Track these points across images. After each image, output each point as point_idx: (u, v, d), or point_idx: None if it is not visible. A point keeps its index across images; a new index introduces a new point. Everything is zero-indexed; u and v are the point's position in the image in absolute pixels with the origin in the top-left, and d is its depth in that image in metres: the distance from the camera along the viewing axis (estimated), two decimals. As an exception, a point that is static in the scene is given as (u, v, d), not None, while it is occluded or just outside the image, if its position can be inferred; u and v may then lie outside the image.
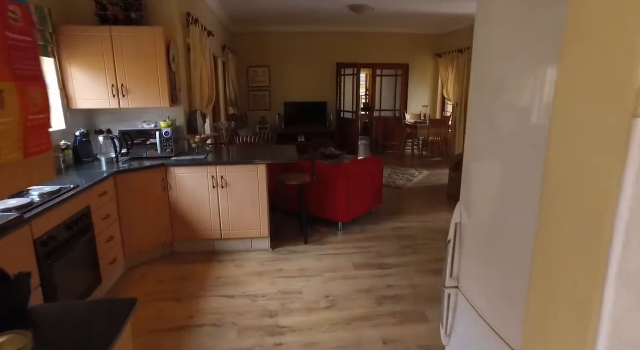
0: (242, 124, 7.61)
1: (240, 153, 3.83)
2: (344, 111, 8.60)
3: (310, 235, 3.94)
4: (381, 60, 8.59)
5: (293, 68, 8.41)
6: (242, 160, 3.41)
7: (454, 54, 7.66)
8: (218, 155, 3.63)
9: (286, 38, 8.23)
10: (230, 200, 3.43)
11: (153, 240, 3.31)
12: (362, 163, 4.28)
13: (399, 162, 7.75)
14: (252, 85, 8.43)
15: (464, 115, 7.52)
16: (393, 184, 6.00)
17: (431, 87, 8.94)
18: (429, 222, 4.36)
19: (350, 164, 4.09)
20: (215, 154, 3.66)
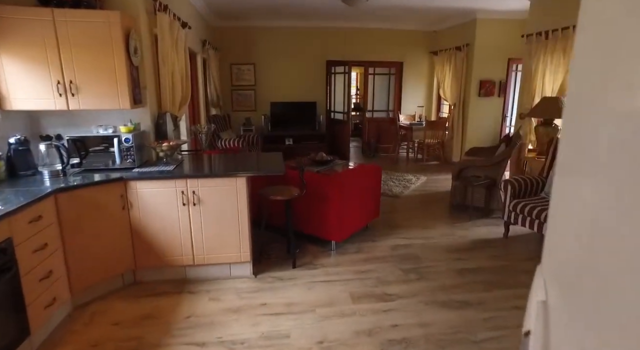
0: (225, 126, 7.04)
1: (217, 163, 3.28)
2: (334, 112, 8.09)
3: (299, 257, 3.42)
4: (374, 58, 8.11)
5: (280, 66, 7.87)
6: (218, 173, 2.86)
7: (451, 51, 7.21)
8: (190, 166, 3.08)
9: (273, 34, 7.68)
10: (205, 219, 2.88)
11: (110, 270, 2.74)
12: (359, 172, 3.78)
13: (394, 167, 7.28)
14: (236, 85, 7.86)
15: (462, 116, 7.08)
16: (389, 191, 5.51)
17: (426, 87, 8.49)
18: (433, 239, 3.87)
19: (345, 173, 3.58)
20: (187, 165, 3.10)
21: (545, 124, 4.51)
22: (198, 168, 3.06)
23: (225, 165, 3.16)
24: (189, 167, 3.03)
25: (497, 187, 4.45)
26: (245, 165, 3.18)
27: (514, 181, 3.73)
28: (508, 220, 3.79)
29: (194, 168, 3.03)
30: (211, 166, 3.14)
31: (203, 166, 3.14)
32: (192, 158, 3.46)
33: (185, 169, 2.93)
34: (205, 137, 5.36)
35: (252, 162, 3.29)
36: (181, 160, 3.22)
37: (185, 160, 3.30)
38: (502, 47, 6.64)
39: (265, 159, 3.48)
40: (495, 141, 7.01)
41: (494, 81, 6.82)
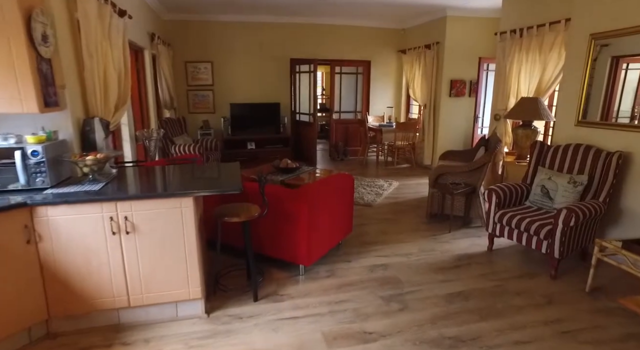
0: (179, 130, 6.37)
1: (160, 178, 2.71)
2: (299, 113, 7.61)
3: (262, 287, 2.91)
4: (340, 57, 7.70)
5: (240, 64, 7.28)
6: (158, 193, 2.30)
7: (420, 50, 6.92)
8: (125, 184, 2.49)
9: (231, 29, 7.08)
10: (142, 250, 2.31)
11: (9, 324, 2.11)
12: (329, 183, 3.32)
13: (364, 171, 6.89)
14: (192, 84, 7.19)
15: (434, 117, 6.81)
16: (361, 200, 5.10)
17: (395, 87, 8.19)
18: (413, 256, 3.48)
19: (313, 186, 3.10)
20: (119, 183, 2.51)
21: (524, 126, 4.25)
22: (134, 186, 2.47)
23: (170, 182, 2.60)
24: (123, 185, 2.44)
25: (476, 195, 4.14)
26: (195, 180, 2.63)
27: (499, 190, 3.40)
28: (492, 232, 3.46)
29: (129, 187, 2.44)
30: (151, 183, 2.56)
31: (141, 184, 2.56)
32: (130, 173, 2.85)
33: (117, 189, 2.34)
34: (154, 144, 4.72)
35: (204, 176, 2.74)
36: (114, 177, 2.61)
37: (121, 175, 2.69)
38: (473, 46, 6.42)
39: (220, 171, 2.93)
40: (468, 143, 6.79)
41: (465, 81, 6.60)
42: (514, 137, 4.37)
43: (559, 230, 2.87)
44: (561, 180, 3.26)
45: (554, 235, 2.91)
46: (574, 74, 3.57)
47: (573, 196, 3.18)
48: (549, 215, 3.17)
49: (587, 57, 3.39)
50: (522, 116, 4.14)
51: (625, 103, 3.25)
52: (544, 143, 3.67)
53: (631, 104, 3.21)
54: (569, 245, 2.95)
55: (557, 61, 4.20)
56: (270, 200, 2.98)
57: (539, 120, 4.19)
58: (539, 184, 3.43)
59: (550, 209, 3.30)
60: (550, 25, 4.23)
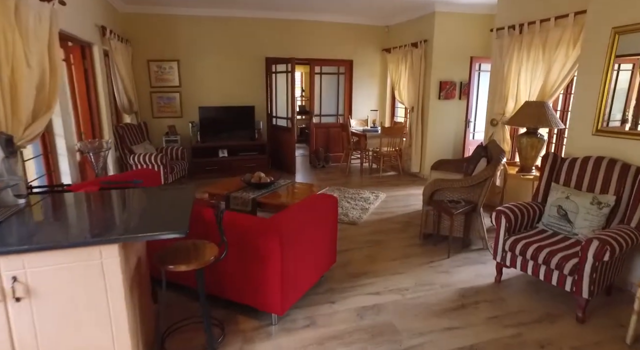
0: (140, 137, 5.65)
1: (79, 215, 2.04)
2: (277, 117, 6.97)
3: (223, 346, 2.28)
4: (320, 56, 7.11)
5: (210, 63, 6.60)
6: (68, 240, 1.64)
7: (406, 48, 6.40)
8: (24, 226, 1.81)
9: (200, 24, 6.39)
10: (43, 322, 1.65)
11: None
12: (307, 208, 2.71)
13: (347, 180, 6.32)
14: (156, 86, 6.46)
15: (422, 121, 6.30)
16: (345, 217, 4.51)
17: (380, 89, 7.65)
18: (409, 293, 2.91)
19: (288, 214, 2.49)
20: (21, 222, 1.83)
21: (529, 134, 3.75)
22: (36, 229, 1.80)
23: (93, 221, 1.94)
24: (22, 227, 1.77)
25: (477, 213, 3.61)
26: (129, 216, 1.98)
27: (509, 212, 2.87)
28: (502, 262, 2.93)
29: (29, 230, 1.77)
30: (64, 223, 1.89)
31: (48, 225, 1.89)
32: (41, 206, 2.17)
33: (9, 234, 1.67)
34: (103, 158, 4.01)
35: (142, 210, 2.08)
36: (18, 210, 1.93)
37: (25, 211, 2.01)
38: (464, 44, 5.93)
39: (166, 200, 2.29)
40: (459, 149, 6.30)
41: (455, 82, 6.11)
42: (517, 146, 3.87)
43: (589, 265, 2.35)
44: (582, 201, 2.76)
45: (581, 271, 2.39)
46: (591, 75, 3.07)
47: (598, 220, 2.68)
48: (571, 244, 2.65)
49: (609, 55, 2.89)
50: (526, 123, 3.64)
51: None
52: (557, 155, 3.16)
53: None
54: (600, 282, 2.44)
55: (564, 60, 3.72)
56: (234, 232, 2.36)
57: (545, 127, 3.70)
58: (554, 203, 2.92)
59: (569, 234, 2.78)
60: (556, 19, 3.75)
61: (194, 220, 2.48)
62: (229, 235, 2.34)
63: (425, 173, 6.35)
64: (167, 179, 5.32)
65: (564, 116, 4.12)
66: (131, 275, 1.84)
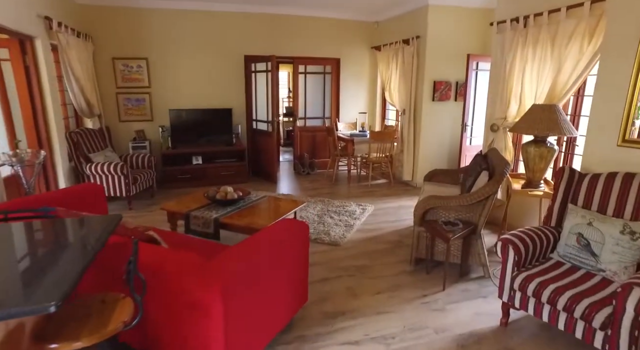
0: (100, 143, 5.06)
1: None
2: (257, 121, 6.41)
3: None
4: (305, 53, 6.55)
5: (183, 62, 6.02)
6: None
7: (397, 45, 5.87)
8: None
9: (171, 19, 5.82)
10: None
11: None
12: (269, 241, 2.15)
13: (333, 190, 5.76)
14: (123, 86, 5.87)
15: (414, 125, 5.77)
16: (327, 236, 3.95)
17: (369, 89, 7.11)
18: (396, 340, 2.35)
19: (238, 252, 1.93)
20: None
21: (537, 143, 3.22)
22: None
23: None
24: None
25: (477, 236, 3.07)
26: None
27: (518, 242, 2.33)
28: (510, 303, 2.39)
29: None
30: None
31: None
32: None
33: None
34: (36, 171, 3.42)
35: (16, 260, 1.51)
36: None
37: None
38: (460, 41, 5.41)
39: (70, 239, 1.71)
40: (454, 155, 5.78)
41: (451, 82, 5.58)
42: (523, 156, 3.33)
43: (628, 319, 1.81)
44: (609, 229, 2.22)
45: (617, 326, 1.85)
46: (617, 73, 2.55)
47: (631, 254, 2.15)
48: (598, 284, 2.12)
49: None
50: (534, 129, 3.11)
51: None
52: (574, 170, 2.63)
53: None
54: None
55: (577, 58, 3.19)
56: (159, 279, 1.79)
57: (557, 135, 3.17)
58: (573, 230, 2.39)
59: (593, 270, 2.25)
60: (568, 9, 3.22)
61: (109, 259, 1.91)
62: (154, 282, 1.78)
63: (418, 181, 5.82)
64: (130, 190, 4.74)
65: (574, 122, 3.60)
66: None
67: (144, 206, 4.97)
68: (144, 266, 1.79)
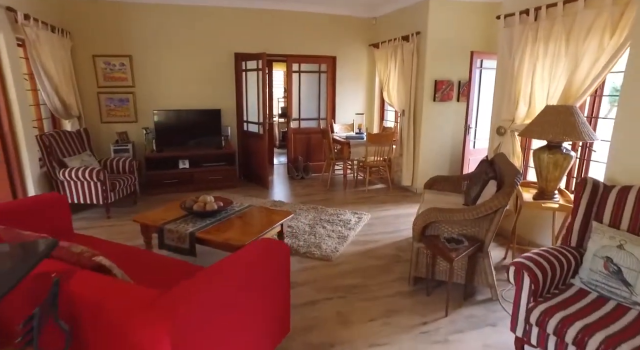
0: (78, 147, 4.72)
1: None
2: (248, 122, 6.06)
3: None
4: (299, 51, 6.21)
5: (169, 60, 5.68)
6: None
7: (396, 43, 5.52)
8: None
9: (156, 13, 5.48)
10: None
11: None
12: (239, 266, 1.81)
13: (327, 196, 5.42)
14: (105, 85, 5.52)
15: (414, 127, 5.42)
16: (317, 249, 3.59)
17: (367, 89, 6.76)
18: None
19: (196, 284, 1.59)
20: None
21: (551, 149, 2.86)
22: None
23: None
24: None
25: (484, 254, 2.72)
26: None
27: (535, 267, 1.98)
28: (525, 338, 2.04)
29: None
30: None
31: None
32: None
33: None
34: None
35: None
36: None
37: None
38: (463, 37, 5.06)
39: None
40: (457, 159, 5.42)
41: (453, 81, 5.23)
42: (536, 164, 2.98)
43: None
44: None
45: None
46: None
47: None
48: (636, 320, 1.77)
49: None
50: (548, 133, 2.76)
51: None
52: (598, 181, 2.28)
53: None
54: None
55: (596, 54, 2.84)
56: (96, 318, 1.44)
57: (573, 140, 2.81)
58: (599, 253, 2.04)
59: (626, 302, 1.90)
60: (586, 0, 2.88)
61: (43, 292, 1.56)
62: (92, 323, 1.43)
63: (418, 187, 5.47)
64: (108, 198, 4.39)
65: (591, 125, 3.25)
66: None
67: (124, 214, 4.63)
68: (81, 302, 1.46)
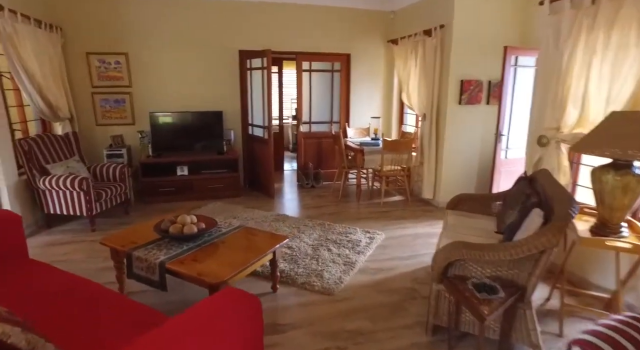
0: (65, 152, 4.33)
1: None
2: (253, 125, 5.57)
3: None
4: (310, 49, 5.68)
5: (168, 57, 5.25)
6: None
7: (417, 38, 4.90)
8: None
9: (154, 7, 5.06)
10: None
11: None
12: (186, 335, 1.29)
13: (337, 209, 4.85)
14: (99, 85, 5.14)
15: (436, 132, 4.79)
16: (318, 280, 3.03)
17: (385, 90, 6.16)
18: None
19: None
20: None
21: (617, 169, 2.20)
22: None
23: None
24: None
25: (526, 304, 2.10)
26: None
27: (608, 348, 1.36)
28: None
29: None
30: None
31: None
32: None
33: None
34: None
35: None
36: None
37: None
38: (495, 30, 4.39)
39: None
40: (485, 170, 4.75)
41: (482, 81, 4.57)
42: (596, 187, 2.32)
43: None
44: None
45: None
46: None
47: None
48: None
49: None
50: (615, 148, 2.10)
51: None
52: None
53: None
54: None
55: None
56: None
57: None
58: None
59: None
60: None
61: None
62: None
63: (440, 200, 4.83)
64: (92, 209, 3.98)
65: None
66: None
67: (113, 226, 4.20)
68: None
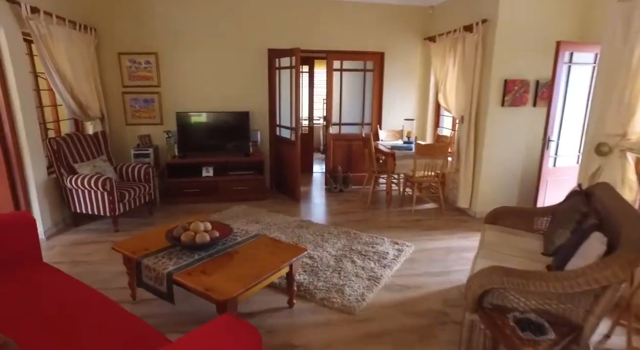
0: (92, 151, 4.35)
1: None
2: (281, 126, 5.41)
3: None
4: (341, 47, 5.44)
5: (197, 57, 5.19)
6: None
7: (456, 34, 4.53)
8: None
9: (184, 7, 5.01)
10: None
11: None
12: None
13: (365, 215, 4.58)
14: (130, 85, 5.16)
15: (475, 137, 4.41)
16: (338, 296, 2.78)
17: (420, 90, 5.81)
18: None
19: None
20: None
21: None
22: None
23: None
24: None
25: (583, 347, 1.76)
26: None
27: None
28: None
29: None
30: None
31: None
32: None
33: None
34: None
35: None
36: None
37: None
38: (545, 23, 3.97)
39: None
40: (529, 181, 4.31)
41: (529, 81, 4.15)
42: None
43: None
44: None
45: None
46: None
47: None
48: None
49: None
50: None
51: None
52: None
53: None
54: None
55: None
56: None
57: None
58: None
59: None
60: None
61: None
62: None
63: (476, 210, 4.45)
64: (115, 209, 3.95)
65: None
66: None
67: (136, 226, 4.17)
68: None
